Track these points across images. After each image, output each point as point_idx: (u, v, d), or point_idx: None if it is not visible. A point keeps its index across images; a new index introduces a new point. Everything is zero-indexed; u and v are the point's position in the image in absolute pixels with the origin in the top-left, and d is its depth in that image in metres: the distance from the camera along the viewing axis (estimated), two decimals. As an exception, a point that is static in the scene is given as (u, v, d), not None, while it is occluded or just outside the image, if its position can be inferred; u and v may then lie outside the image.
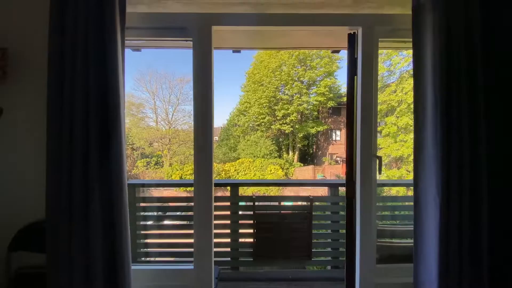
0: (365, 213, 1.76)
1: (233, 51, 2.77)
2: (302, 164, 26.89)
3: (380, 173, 1.85)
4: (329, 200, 2.75)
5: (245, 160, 24.10)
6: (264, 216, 2.69)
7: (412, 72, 1.65)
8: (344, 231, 2.85)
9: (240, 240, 2.71)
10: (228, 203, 2.74)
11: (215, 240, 2.78)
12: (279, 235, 2.66)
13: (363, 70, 1.79)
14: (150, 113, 26.59)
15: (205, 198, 1.88)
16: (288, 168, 24.71)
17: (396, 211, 2.98)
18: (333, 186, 2.73)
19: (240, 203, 2.70)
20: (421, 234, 1.57)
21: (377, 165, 1.81)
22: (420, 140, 1.59)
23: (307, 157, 33.39)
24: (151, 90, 25.27)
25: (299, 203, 2.84)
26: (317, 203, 2.79)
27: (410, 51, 1.66)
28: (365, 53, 1.79)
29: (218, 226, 2.78)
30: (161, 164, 25.00)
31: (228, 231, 2.72)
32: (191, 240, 1.92)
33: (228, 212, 2.76)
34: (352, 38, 1.86)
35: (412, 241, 1.62)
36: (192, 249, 1.86)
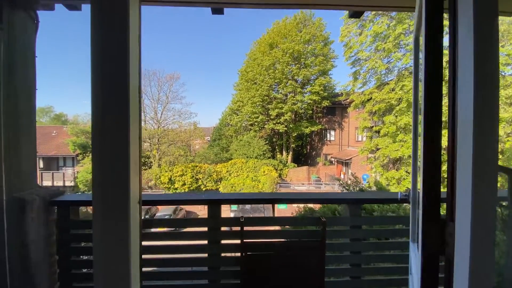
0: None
1: (213, 10, 1.93)
2: (296, 165, 26.24)
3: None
4: (349, 223, 1.96)
5: (237, 160, 23.25)
6: (256, 246, 1.88)
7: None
8: (373, 265, 2.11)
9: (222, 281, 1.88)
10: (205, 229, 1.91)
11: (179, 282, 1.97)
12: (278, 273, 1.86)
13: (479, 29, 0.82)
14: (138, 111, 25.42)
15: (114, 230, 1.05)
16: (282, 169, 23.98)
17: None
18: (354, 202, 1.94)
19: (223, 228, 1.89)
20: None
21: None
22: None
23: (301, 158, 32.78)
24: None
25: (306, 228, 2.03)
26: (334, 227, 2.01)
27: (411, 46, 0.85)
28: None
29: (185, 262, 1.96)
30: (149, 165, 23.89)
31: (205, 268, 1.90)
32: None
33: (205, 242, 1.93)
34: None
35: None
36: None
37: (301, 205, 11.33)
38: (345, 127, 26.53)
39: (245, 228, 1.88)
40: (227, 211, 21.99)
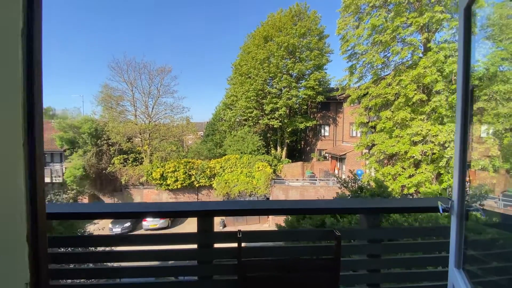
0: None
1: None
2: (290, 161, 26.06)
3: None
4: (366, 236, 1.64)
5: (231, 156, 22.87)
6: (257, 266, 1.55)
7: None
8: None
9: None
10: (195, 246, 1.56)
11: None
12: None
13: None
14: (128, 106, 24.67)
15: None
16: (276, 165, 23.74)
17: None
18: (371, 211, 1.60)
19: (216, 245, 1.55)
20: None
21: None
22: None
23: (295, 153, 32.61)
24: (129, 81, 23.32)
25: (316, 243, 1.68)
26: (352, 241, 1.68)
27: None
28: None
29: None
30: (140, 161, 23.26)
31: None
32: None
33: (194, 262, 1.58)
34: None
35: None
36: None
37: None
38: (339, 122, 26.40)
39: (244, 244, 1.54)
40: (220, 207, 21.73)
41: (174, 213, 1.55)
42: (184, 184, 21.70)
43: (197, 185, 22.13)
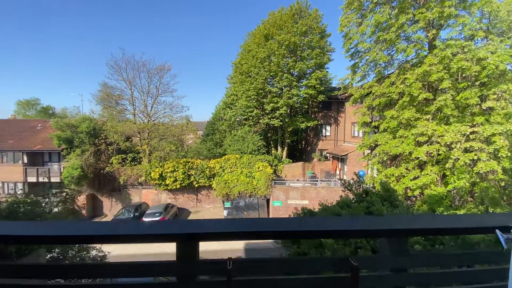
0: None
1: None
2: (291, 161, 25.70)
3: None
4: (389, 264, 1.30)
5: (231, 156, 22.54)
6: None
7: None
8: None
9: None
10: (173, 279, 1.22)
11: None
12: None
13: None
14: (127, 104, 24.34)
15: None
16: (277, 165, 23.39)
17: None
18: (396, 234, 1.23)
19: (202, 277, 1.21)
20: None
21: None
22: None
23: (296, 153, 32.25)
24: (128, 79, 22.99)
25: (327, 275, 1.32)
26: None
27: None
28: None
29: None
30: (138, 160, 22.94)
31: None
32: None
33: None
34: None
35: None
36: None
37: (299, 206, 10.68)
38: (341, 122, 26.02)
39: (236, 278, 1.21)
40: (219, 207, 21.42)
41: (145, 237, 1.20)
42: (183, 184, 21.39)
43: (196, 185, 21.82)
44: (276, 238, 1.30)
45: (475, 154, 10.64)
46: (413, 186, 11.57)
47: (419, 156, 11.30)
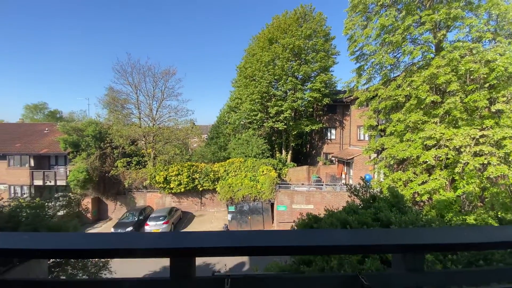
0: None
1: None
2: (295, 164, 25.49)
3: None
4: (404, 283, 1.15)
5: (235, 160, 22.45)
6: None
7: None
8: None
9: None
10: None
11: None
12: None
13: None
14: (132, 108, 24.54)
15: None
16: (281, 169, 23.22)
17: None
18: (411, 249, 1.08)
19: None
20: None
21: None
22: None
23: (300, 157, 32.02)
24: (134, 84, 23.20)
25: None
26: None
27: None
28: None
29: None
30: (143, 164, 23.02)
31: None
32: None
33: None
34: None
35: None
36: None
37: (303, 211, 10.49)
38: (346, 125, 25.77)
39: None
40: (224, 211, 21.31)
41: (135, 252, 1.11)
42: (188, 188, 21.36)
43: (200, 189, 21.76)
44: (282, 254, 1.20)
45: (485, 158, 10.36)
46: (421, 191, 11.30)
47: (427, 160, 11.05)
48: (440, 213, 11.41)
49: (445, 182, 11.53)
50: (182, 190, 21.28)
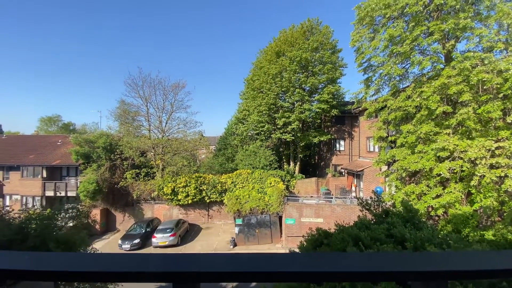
0: None
1: None
2: (303, 176, 25.16)
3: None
4: None
5: (243, 171, 22.36)
6: None
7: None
8: None
9: None
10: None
11: None
12: None
13: None
14: (143, 121, 25.04)
15: None
16: (289, 180, 22.95)
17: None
18: (433, 277, 1.03)
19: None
20: None
21: None
22: None
23: (309, 168, 31.65)
24: (144, 97, 23.77)
25: None
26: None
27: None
28: None
29: None
30: (152, 175, 23.18)
31: None
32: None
33: None
34: None
35: None
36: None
37: (313, 225, 10.19)
38: (355, 136, 25.46)
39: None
40: (231, 224, 21.01)
41: (134, 276, 1.05)
42: (195, 200, 21.29)
43: (208, 201, 21.65)
44: (289, 281, 1.11)
45: (502, 171, 9.95)
46: (435, 204, 10.88)
47: (441, 173, 10.69)
48: (457, 228, 10.90)
49: (461, 196, 11.09)
50: (190, 201, 21.22)
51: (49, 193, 22.62)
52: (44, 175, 23.14)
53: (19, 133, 46.34)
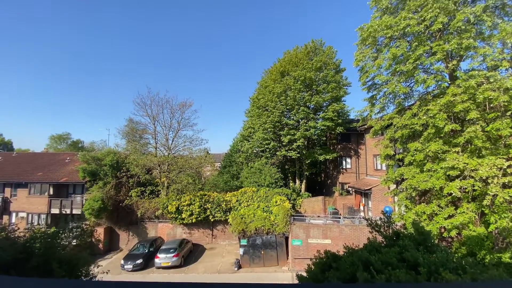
0: None
1: None
2: (310, 195, 24.69)
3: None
4: None
5: (248, 189, 22.11)
6: None
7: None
8: None
9: None
10: None
11: None
12: None
13: None
14: (150, 138, 25.41)
15: None
16: (295, 199, 22.53)
17: None
18: None
19: None
20: None
21: None
22: None
23: (315, 186, 31.13)
24: (152, 115, 24.28)
25: None
26: None
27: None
28: None
29: None
30: (156, 193, 23.09)
31: None
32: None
33: None
34: None
35: None
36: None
37: (320, 246, 9.82)
38: (361, 154, 25.19)
39: None
40: (235, 245, 20.45)
41: None
42: (199, 218, 20.97)
43: (212, 220, 21.29)
44: None
45: (517, 190, 9.61)
46: (448, 225, 10.46)
47: (452, 192, 10.38)
48: (471, 251, 10.39)
49: (474, 216, 10.66)
50: (194, 220, 20.90)
51: (55, 210, 22.61)
52: (51, 192, 23.27)
53: (29, 150, 47.35)
